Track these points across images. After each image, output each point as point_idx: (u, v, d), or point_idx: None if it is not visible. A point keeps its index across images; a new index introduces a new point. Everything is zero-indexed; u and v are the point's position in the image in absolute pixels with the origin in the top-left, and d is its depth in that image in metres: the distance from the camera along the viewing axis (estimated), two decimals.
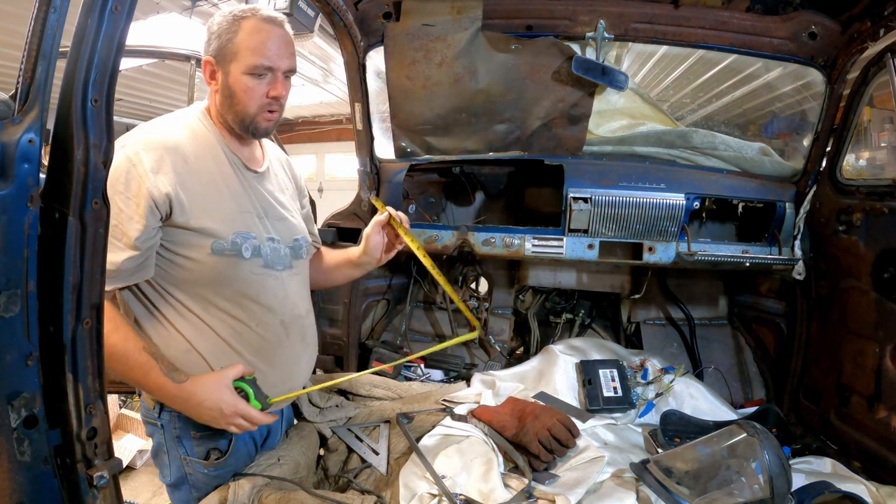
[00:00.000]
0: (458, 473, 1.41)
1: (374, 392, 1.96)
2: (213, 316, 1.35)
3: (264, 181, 1.48)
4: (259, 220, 1.41)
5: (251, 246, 1.37)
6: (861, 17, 1.73)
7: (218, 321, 1.36)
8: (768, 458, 1.23)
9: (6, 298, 0.83)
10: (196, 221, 1.29)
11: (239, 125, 1.38)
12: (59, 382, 0.91)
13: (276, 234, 1.45)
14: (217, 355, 1.36)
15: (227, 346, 1.37)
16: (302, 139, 10.30)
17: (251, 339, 1.39)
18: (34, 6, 0.84)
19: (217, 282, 1.34)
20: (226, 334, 1.36)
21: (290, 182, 1.64)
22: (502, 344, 2.53)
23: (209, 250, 1.31)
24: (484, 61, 2.05)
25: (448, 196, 2.73)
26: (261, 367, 1.40)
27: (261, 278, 1.40)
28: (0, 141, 0.82)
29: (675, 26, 1.98)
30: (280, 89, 1.37)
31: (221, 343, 1.36)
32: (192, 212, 1.28)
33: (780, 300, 2.27)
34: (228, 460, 1.43)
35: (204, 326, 1.34)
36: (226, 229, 1.33)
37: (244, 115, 1.37)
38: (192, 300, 1.33)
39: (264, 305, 1.40)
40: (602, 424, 1.80)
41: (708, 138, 2.16)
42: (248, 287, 1.38)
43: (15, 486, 0.86)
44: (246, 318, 1.38)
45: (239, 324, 1.37)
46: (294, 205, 1.60)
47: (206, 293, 1.34)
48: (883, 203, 1.69)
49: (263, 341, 1.41)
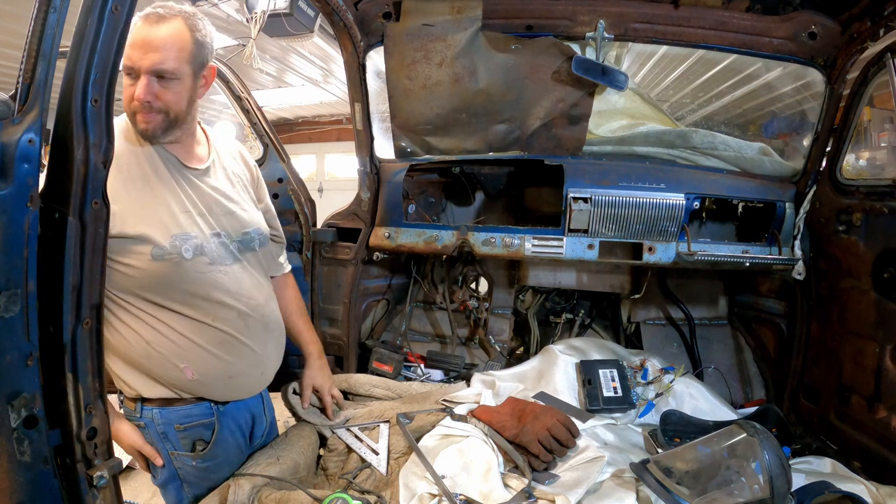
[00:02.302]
0: (458, 473, 1.41)
1: (374, 392, 1.96)
2: (169, 317, 1.35)
3: (206, 177, 1.45)
4: (201, 218, 1.39)
5: (192, 246, 1.36)
6: (861, 17, 1.73)
7: (175, 321, 1.36)
8: (768, 458, 1.23)
9: (6, 298, 0.83)
10: (132, 229, 1.28)
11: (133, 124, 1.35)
12: (59, 382, 0.91)
13: (222, 228, 1.44)
14: (180, 353, 1.36)
15: (190, 342, 1.37)
16: (302, 139, 10.29)
17: (211, 335, 1.40)
18: (34, 6, 0.84)
19: (164, 285, 1.33)
20: (186, 332, 1.37)
21: (246, 172, 1.60)
22: (502, 344, 2.53)
23: (149, 256, 1.30)
24: (484, 61, 2.05)
25: (448, 196, 2.73)
26: (226, 358, 1.42)
27: (209, 276, 1.39)
28: (0, 141, 0.82)
29: (675, 26, 1.98)
30: (141, 91, 1.26)
31: (184, 340, 1.37)
32: (126, 221, 1.27)
33: (780, 300, 2.27)
34: (215, 451, 1.44)
35: (162, 326, 1.35)
36: (163, 233, 1.32)
37: (129, 115, 1.33)
38: (145, 303, 1.34)
39: (217, 301, 1.40)
40: (602, 424, 1.80)
41: (708, 138, 2.16)
42: (198, 286, 1.37)
43: (15, 486, 0.87)
44: (201, 315, 1.38)
45: (194, 322, 1.38)
46: (245, 196, 1.56)
47: (156, 297, 1.34)
48: (883, 203, 1.69)
49: (224, 335, 1.41)
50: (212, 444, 1.44)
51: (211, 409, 1.45)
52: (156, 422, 1.40)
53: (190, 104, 1.37)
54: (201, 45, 1.34)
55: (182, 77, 1.32)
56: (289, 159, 2.33)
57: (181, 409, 1.41)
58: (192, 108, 1.39)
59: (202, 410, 1.44)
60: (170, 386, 1.39)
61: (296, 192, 2.30)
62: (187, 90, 1.34)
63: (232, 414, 1.51)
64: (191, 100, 1.36)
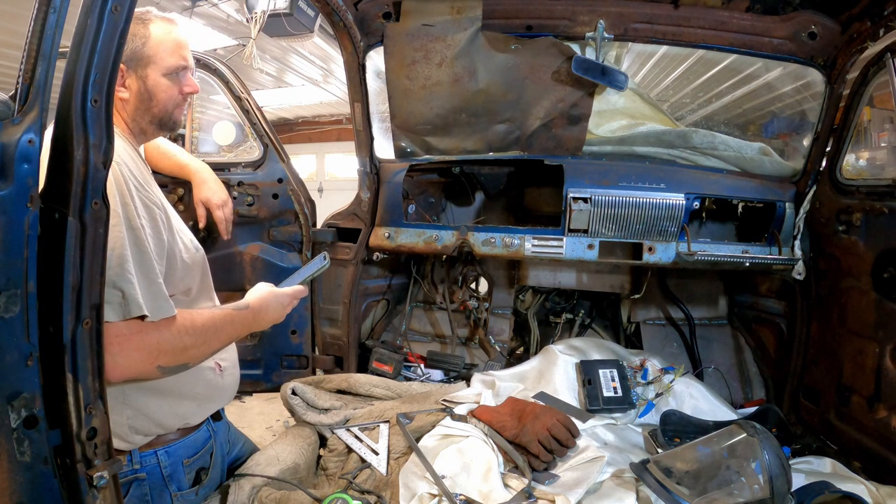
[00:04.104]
0: (458, 473, 1.41)
1: (374, 392, 1.96)
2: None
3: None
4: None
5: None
6: (861, 17, 1.73)
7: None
8: (768, 458, 1.23)
9: (6, 298, 0.83)
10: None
11: (156, 125, 1.38)
12: (59, 382, 0.91)
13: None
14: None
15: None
16: (302, 139, 10.30)
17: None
18: (34, 6, 0.84)
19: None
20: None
21: None
22: (502, 344, 2.53)
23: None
24: (484, 61, 2.05)
25: (448, 196, 2.73)
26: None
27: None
28: (0, 141, 0.82)
29: (675, 26, 1.98)
30: (193, 85, 1.40)
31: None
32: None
33: (780, 300, 2.27)
34: (212, 473, 1.41)
35: None
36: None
37: (163, 114, 1.37)
38: None
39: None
40: (602, 424, 1.80)
41: (708, 138, 2.16)
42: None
43: (15, 486, 0.87)
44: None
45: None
46: None
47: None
48: (883, 203, 1.69)
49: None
50: (211, 468, 1.41)
51: (208, 429, 1.42)
52: (162, 465, 1.28)
53: None
54: None
55: None
56: (289, 159, 2.33)
57: (190, 437, 1.35)
58: None
59: (204, 433, 1.41)
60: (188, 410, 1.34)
61: (296, 192, 2.30)
62: None
63: (220, 428, 1.49)
64: None
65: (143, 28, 1.31)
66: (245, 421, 2.86)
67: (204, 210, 1.87)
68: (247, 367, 2.36)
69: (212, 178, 1.90)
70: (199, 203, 1.85)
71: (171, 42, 1.33)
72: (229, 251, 2.29)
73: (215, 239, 2.09)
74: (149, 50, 1.31)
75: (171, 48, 1.32)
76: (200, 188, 1.85)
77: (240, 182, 2.25)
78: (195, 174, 1.86)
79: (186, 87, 1.37)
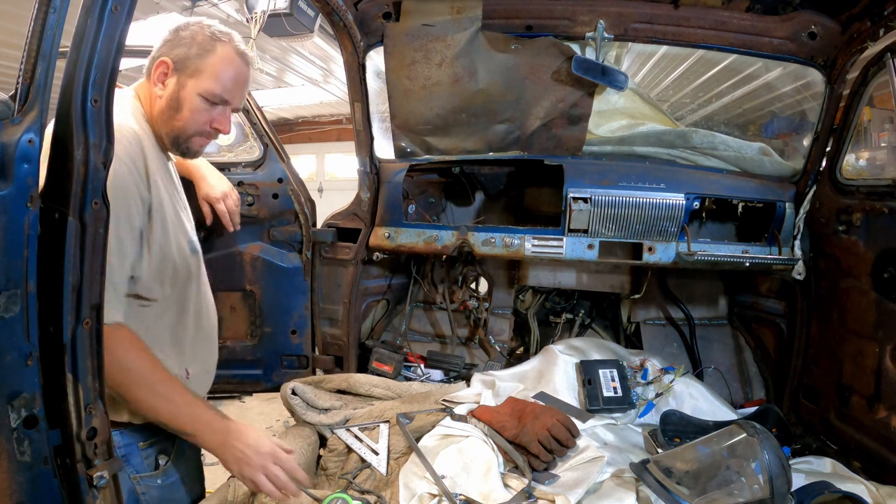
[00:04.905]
0: (458, 473, 1.42)
1: (374, 392, 1.96)
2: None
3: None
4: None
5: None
6: (861, 17, 1.73)
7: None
8: (768, 458, 1.23)
9: (6, 298, 0.83)
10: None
11: (171, 140, 1.35)
12: (59, 382, 0.91)
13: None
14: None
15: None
16: (302, 139, 10.29)
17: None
18: (34, 6, 0.84)
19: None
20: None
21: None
22: (502, 344, 2.53)
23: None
24: (484, 61, 2.05)
25: (448, 196, 2.73)
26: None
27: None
28: (0, 141, 0.82)
29: (675, 26, 1.98)
30: (225, 124, 1.36)
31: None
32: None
33: (780, 300, 2.27)
34: (178, 463, 1.40)
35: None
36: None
37: (180, 133, 1.33)
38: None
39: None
40: (602, 424, 1.80)
41: (708, 138, 2.16)
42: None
43: (15, 486, 0.87)
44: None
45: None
46: None
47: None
48: (883, 203, 1.69)
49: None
50: (174, 455, 1.39)
51: None
52: (116, 445, 1.21)
53: None
54: None
55: None
56: (289, 159, 2.33)
57: (149, 422, 1.31)
58: None
59: None
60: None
61: (296, 192, 2.30)
62: None
63: None
64: None
65: (212, 43, 1.29)
66: (245, 421, 2.85)
67: (207, 207, 1.86)
68: (247, 367, 2.36)
69: (210, 172, 1.88)
70: (201, 201, 1.84)
71: (229, 71, 1.30)
72: (229, 251, 2.29)
73: (217, 238, 2.09)
74: (202, 63, 1.28)
75: (222, 75, 1.29)
76: (200, 185, 1.85)
77: (240, 182, 2.25)
78: (195, 171, 1.85)
79: (216, 122, 1.34)
